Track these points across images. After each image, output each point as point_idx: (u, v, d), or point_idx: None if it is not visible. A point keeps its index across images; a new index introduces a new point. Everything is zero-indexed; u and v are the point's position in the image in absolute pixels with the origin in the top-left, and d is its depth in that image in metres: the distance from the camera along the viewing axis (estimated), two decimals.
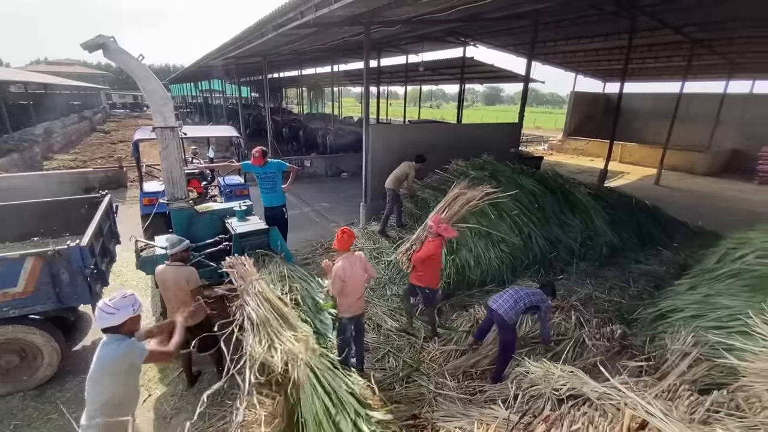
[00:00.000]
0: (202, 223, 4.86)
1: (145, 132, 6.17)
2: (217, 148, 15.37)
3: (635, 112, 18.70)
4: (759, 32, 10.14)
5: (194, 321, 3.46)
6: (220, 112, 26.90)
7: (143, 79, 4.25)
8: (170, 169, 4.53)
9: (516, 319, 3.69)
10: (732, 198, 11.49)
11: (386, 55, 16.45)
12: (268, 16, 6.49)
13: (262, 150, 5.43)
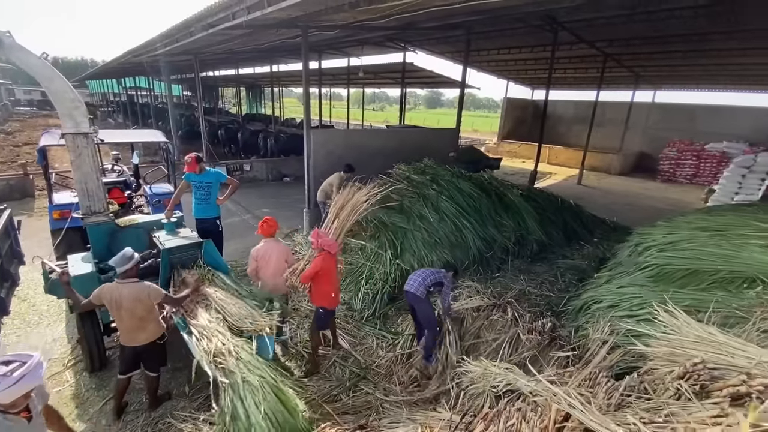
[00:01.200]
0: (125, 238, 4.44)
1: (52, 137, 5.51)
2: (145, 152, 14.21)
3: (559, 117, 20.45)
4: (657, 49, 11.58)
5: (148, 338, 3.29)
6: (147, 112, 24.83)
7: (47, 79, 3.80)
8: (85, 180, 4.10)
9: (425, 291, 4.08)
10: (640, 195, 12.97)
11: (327, 57, 16.30)
12: (197, 15, 6.11)
13: (195, 156, 5.08)
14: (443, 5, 4.66)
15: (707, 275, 3.72)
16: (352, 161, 7.53)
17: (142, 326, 3.24)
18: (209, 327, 3.23)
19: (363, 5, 4.63)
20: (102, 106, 40.28)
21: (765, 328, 2.95)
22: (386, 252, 5.93)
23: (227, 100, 46.87)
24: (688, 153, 15.21)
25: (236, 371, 2.85)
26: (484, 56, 14.89)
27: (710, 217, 4.80)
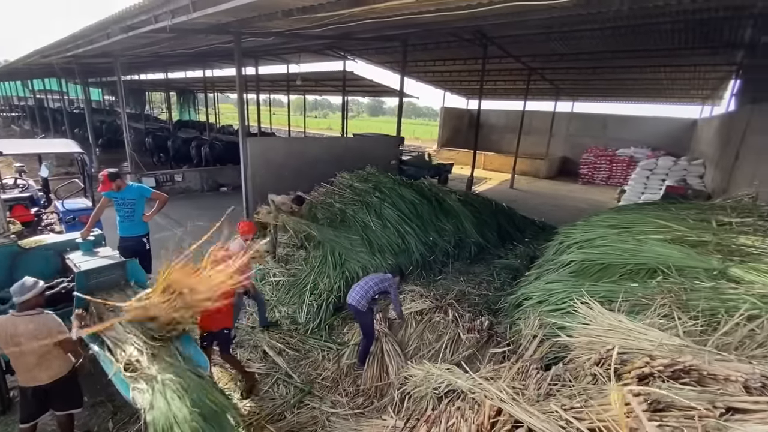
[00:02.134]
0: (31, 261, 3.93)
1: None
2: (59, 164, 12.72)
3: (492, 126, 21.80)
4: (572, 64, 12.84)
5: (53, 375, 2.84)
6: (60, 118, 22.30)
7: None
8: None
9: (368, 305, 4.11)
10: (564, 196, 14.20)
11: (265, 64, 15.88)
12: (115, 16, 5.63)
13: (108, 173, 4.61)
14: (376, 18, 4.78)
15: (618, 268, 4.17)
16: (293, 170, 7.39)
17: (44, 363, 2.79)
18: (123, 335, 2.91)
19: (296, 14, 4.60)
20: (4, 111, 35.38)
21: (665, 313, 3.36)
22: (330, 262, 5.88)
23: (156, 106, 43.55)
24: (602, 158, 16.99)
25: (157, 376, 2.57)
26: (422, 67, 15.46)
27: (619, 216, 5.39)
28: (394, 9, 4.20)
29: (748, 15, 7.33)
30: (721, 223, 4.70)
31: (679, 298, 3.43)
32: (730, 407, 2.05)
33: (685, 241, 4.28)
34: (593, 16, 6.60)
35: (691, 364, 2.34)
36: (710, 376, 2.33)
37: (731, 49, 9.69)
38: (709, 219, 4.80)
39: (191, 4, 4.05)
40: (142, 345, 2.84)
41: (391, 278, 4.38)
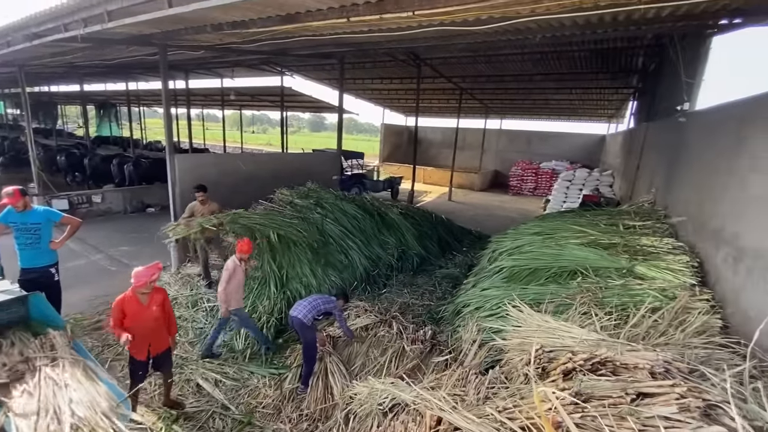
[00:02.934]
0: None
1: None
2: None
3: (430, 142, 22.78)
4: (498, 85, 13.92)
5: None
6: None
7: None
8: None
9: (312, 319, 4.11)
10: (497, 207, 15.14)
11: (196, 77, 15.15)
12: (18, 23, 5.04)
13: (19, 189, 4.07)
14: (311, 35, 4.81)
15: (544, 272, 4.50)
16: (228, 188, 7.05)
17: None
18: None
19: (227, 29, 4.47)
20: None
21: (584, 310, 3.68)
22: (271, 282, 5.65)
23: (72, 121, 39.32)
24: (529, 170, 18.47)
25: None
26: (360, 84, 15.76)
27: (543, 223, 5.87)
28: (327, 28, 4.26)
29: (640, 45, 8.52)
30: (627, 226, 5.30)
31: (595, 296, 3.79)
32: (639, 392, 2.28)
33: (599, 244, 4.75)
34: (513, 42, 7.24)
35: (606, 356, 2.57)
36: (623, 366, 2.57)
37: (628, 75, 11.17)
38: (617, 223, 5.40)
39: (106, 13, 3.74)
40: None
41: (334, 300, 4.41)
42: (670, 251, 4.37)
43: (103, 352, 4.77)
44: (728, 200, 3.83)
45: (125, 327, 3.26)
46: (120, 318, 3.29)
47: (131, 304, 3.33)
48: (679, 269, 3.95)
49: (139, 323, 3.32)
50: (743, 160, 3.62)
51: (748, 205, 3.40)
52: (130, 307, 3.32)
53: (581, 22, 4.63)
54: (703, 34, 5.69)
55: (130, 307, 3.32)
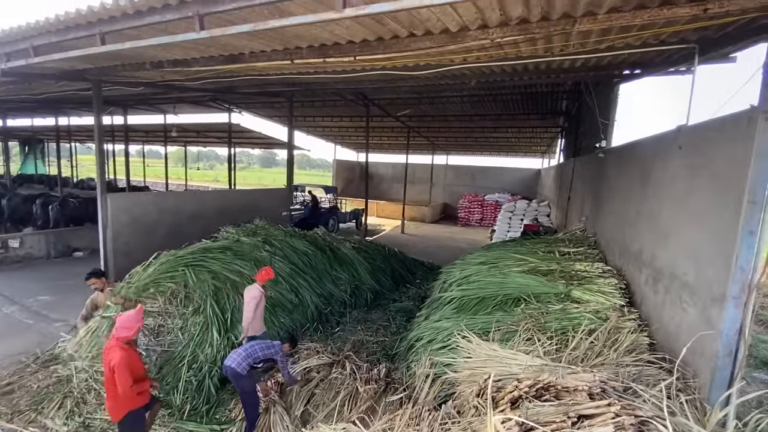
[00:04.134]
0: None
1: None
2: None
3: (382, 176, 23.36)
4: (441, 125, 14.79)
5: None
6: None
7: None
8: None
9: (247, 368, 3.88)
10: (447, 238, 15.60)
11: (136, 113, 14.53)
12: None
13: None
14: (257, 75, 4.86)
15: (490, 300, 4.65)
16: (168, 227, 6.64)
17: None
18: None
19: (167, 66, 4.40)
20: None
21: (528, 336, 3.81)
22: (213, 327, 5.27)
23: None
24: (475, 203, 19.42)
25: None
26: (311, 122, 15.98)
27: (488, 253, 6.12)
28: (273, 68, 4.35)
29: (562, 90, 9.55)
30: (562, 253, 5.68)
31: (538, 322, 3.96)
32: (580, 415, 2.36)
33: (538, 270, 5.03)
34: (452, 86, 7.81)
35: (548, 381, 2.65)
36: (564, 390, 2.67)
37: (555, 115, 12.40)
38: (554, 250, 5.77)
39: (32, 48, 3.52)
40: None
41: (278, 345, 4.17)
42: (600, 275, 4.71)
43: (13, 419, 4.11)
44: (642, 225, 4.26)
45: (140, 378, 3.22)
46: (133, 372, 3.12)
47: (134, 354, 3.25)
48: (609, 291, 4.26)
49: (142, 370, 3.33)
50: (650, 189, 4.09)
51: (657, 229, 3.81)
52: (134, 357, 3.23)
53: (509, 70, 5.14)
54: (611, 82, 6.53)
55: (134, 358, 3.23)
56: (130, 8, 2.75)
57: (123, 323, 3.12)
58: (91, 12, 2.89)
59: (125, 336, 3.09)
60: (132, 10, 2.79)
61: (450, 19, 2.93)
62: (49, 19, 3.18)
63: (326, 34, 3.17)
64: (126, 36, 3.21)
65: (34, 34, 3.49)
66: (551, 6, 2.70)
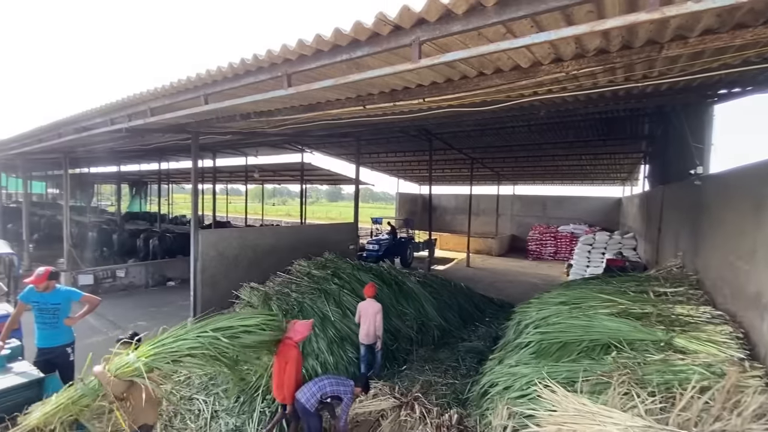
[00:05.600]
0: None
1: None
2: None
3: (444, 208, 23.14)
4: (507, 155, 14.42)
5: None
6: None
7: None
8: None
9: (316, 404, 3.87)
10: (517, 272, 14.75)
11: (223, 156, 16.29)
12: (69, 119, 5.71)
13: (50, 271, 4.23)
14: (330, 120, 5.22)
15: (574, 346, 4.23)
16: (247, 261, 7.17)
17: None
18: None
19: (254, 117, 4.92)
20: None
21: (624, 390, 3.37)
22: None
23: (105, 198, 42.06)
24: (547, 235, 18.26)
25: None
26: (375, 158, 16.59)
27: (568, 292, 5.64)
28: (346, 114, 4.64)
29: (644, 113, 8.86)
30: (657, 293, 5.04)
31: (634, 374, 3.49)
32: None
33: (630, 313, 4.50)
34: (518, 117, 7.65)
35: None
36: None
37: (636, 140, 11.47)
38: (647, 290, 5.15)
39: (149, 110, 4.23)
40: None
41: (351, 385, 4.08)
42: (709, 321, 4.09)
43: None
44: (762, 265, 3.65)
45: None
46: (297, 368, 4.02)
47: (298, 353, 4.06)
48: (723, 341, 3.66)
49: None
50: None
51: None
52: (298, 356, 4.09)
53: (583, 99, 4.91)
54: (704, 103, 5.92)
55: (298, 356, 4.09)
56: (230, 72, 3.21)
57: (298, 329, 4.07)
58: (198, 78, 3.42)
59: (299, 339, 4.04)
60: (231, 74, 3.25)
61: (521, 56, 2.92)
62: (165, 86, 3.81)
63: (397, 80, 3.34)
64: (225, 95, 3.69)
65: (151, 98, 4.17)
66: (633, 35, 2.57)
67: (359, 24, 2.29)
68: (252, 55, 2.91)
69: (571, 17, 2.18)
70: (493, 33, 2.32)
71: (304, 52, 2.68)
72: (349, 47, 2.49)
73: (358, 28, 2.31)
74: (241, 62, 3.02)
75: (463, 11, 2.00)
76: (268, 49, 2.78)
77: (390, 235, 14.93)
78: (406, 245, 15.11)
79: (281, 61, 2.87)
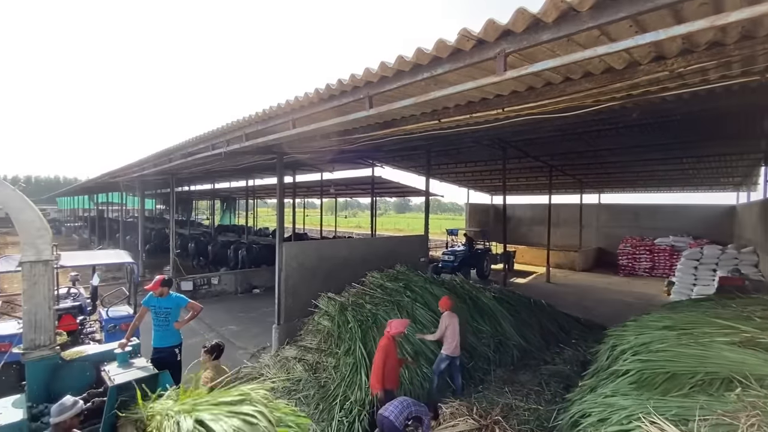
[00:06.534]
0: (69, 373, 3.96)
1: (8, 264, 5.27)
2: (107, 267, 13.60)
3: (519, 219, 21.96)
4: (592, 161, 13.28)
5: None
6: (116, 226, 24.53)
7: (17, 210, 3.79)
8: (35, 311, 3.81)
9: (405, 422, 3.91)
10: (606, 290, 13.37)
11: (301, 173, 17.43)
12: (177, 146, 6.59)
13: (163, 278, 4.90)
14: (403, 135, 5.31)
15: (686, 378, 3.69)
16: (324, 272, 7.50)
17: None
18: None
19: (334, 137, 5.21)
20: (69, 222, 39.58)
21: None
22: (362, 370, 5.54)
23: (201, 212, 47.50)
24: (641, 248, 16.32)
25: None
26: (444, 169, 16.43)
27: (675, 315, 4.96)
28: (420, 129, 4.69)
29: (763, 107, 7.56)
30: None
31: (767, 416, 2.93)
32: None
33: (758, 344, 3.82)
34: (605, 120, 7.04)
35: None
36: None
37: (753, 139, 9.82)
38: None
39: (244, 135, 4.73)
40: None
41: (426, 408, 4.18)
42: None
43: None
44: None
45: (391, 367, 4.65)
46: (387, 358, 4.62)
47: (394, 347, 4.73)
48: None
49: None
50: None
51: None
52: (393, 348, 4.70)
53: (687, 97, 4.36)
54: None
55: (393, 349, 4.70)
56: (316, 98, 3.45)
57: (395, 326, 4.78)
58: (287, 104, 3.74)
59: (393, 333, 4.73)
60: (317, 99, 3.49)
61: (615, 58, 2.69)
62: (258, 113, 4.25)
63: (475, 92, 3.29)
64: (311, 119, 3.97)
65: (246, 125, 4.66)
66: (758, 24, 2.22)
67: (441, 42, 2.31)
68: (337, 80, 3.11)
69: (681, 13, 1.95)
70: (585, 38, 2.17)
71: (385, 74, 2.78)
72: (429, 65, 2.52)
73: (439, 45, 2.34)
74: (327, 87, 3.25)
75: (553, 19, 1.91)
76: (351, 74, 2.95)
77: (466, 246, 14.65)
78: (483, 257, 14.83)
79: (363, 83, 3.01)
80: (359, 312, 7.05)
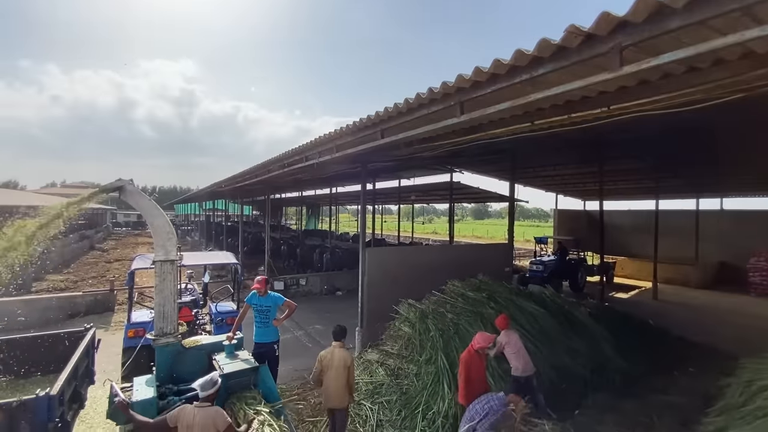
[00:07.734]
0: (188, 359, 4.53)
1: (144, 262, 6.22)
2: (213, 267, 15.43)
3: (617, 227, 19.63)
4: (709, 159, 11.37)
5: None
6: (219, 230, 27.80)
7: (152, 216, 4.47)
8: (163, 303, 4.44)
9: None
10: (732, 311, 11.30)
11: (381, 180, 17.88)
12: (275, 158, 7.23)
13: (265, 279, 5.41)
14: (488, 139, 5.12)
15: None
16: (406, 278, 7.55)
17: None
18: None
19: (416, 144, 5.23)
20: (183, 225, 46.05)
21: None
22: (445, 380, 5.42)
23: (288, 217, 51.56)
24: None
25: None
26: (530, 173, 15.44)
27: None
28: (508, 132, 4.47)
29: None
30: None
31: None
32: None
33: None
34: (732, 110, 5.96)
35: None
36: None
37: None
38: None
39: (335, 146, 5.00)
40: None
41: (502, 396, 3.99)
42: None
43: (298, 427, 5.25)
44: None
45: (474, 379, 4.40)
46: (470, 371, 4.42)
47: (477, 360, 4.47)
48: None
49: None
50: None
51: None
52: (476, 361, 4.46)
53: None
54: None
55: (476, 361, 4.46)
56: (405, 107, 3.51)
57: (478, 338, 4.53)
58: (376, 116, 3.87)
59: (476, 347, 4.46)
60: (405, 109, 3.55)
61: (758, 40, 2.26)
62: (349, 125, 4.47)
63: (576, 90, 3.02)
64: (400, 128, 4.05)
65: (336, 137, 4.94)
66: None
67: (545, 41, 2.17)
68: (427, 89, 3.12)
69: None
70: (723, 21, 1.86)
71: (479, 79, 2.71)
72: (529, 66, 2.39)
73: (542, 45, 2.20)
74: (417, 96, 3.28)
75: (683, 4, 1.66)
76: (443, 82, 2.94)
77: (557, 256, 13.56)
78: (577, 268, 13.71)
79: (454, 90, 2.97)
80: (440, 321, 6.93)
